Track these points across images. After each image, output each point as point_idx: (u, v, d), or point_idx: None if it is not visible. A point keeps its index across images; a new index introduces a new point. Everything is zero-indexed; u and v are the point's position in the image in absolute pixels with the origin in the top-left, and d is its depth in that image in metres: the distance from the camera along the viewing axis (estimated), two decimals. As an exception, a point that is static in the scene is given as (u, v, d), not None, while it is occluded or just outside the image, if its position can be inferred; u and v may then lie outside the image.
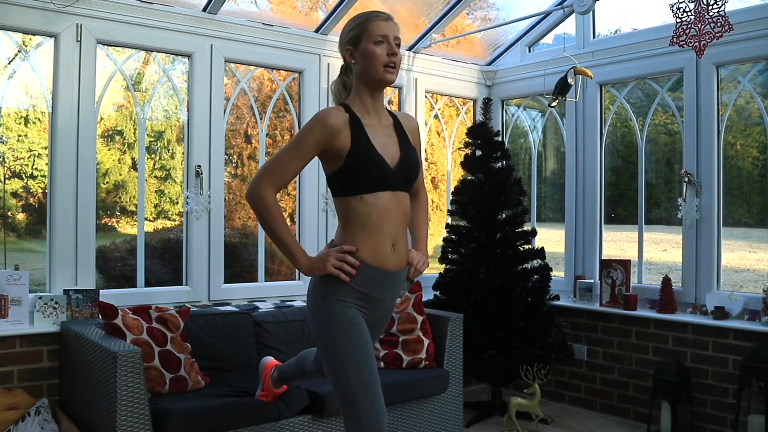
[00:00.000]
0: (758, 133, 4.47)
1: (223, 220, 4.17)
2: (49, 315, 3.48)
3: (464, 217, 4.55)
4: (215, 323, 3.75)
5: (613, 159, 5.08)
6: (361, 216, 2.18)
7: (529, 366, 4.17)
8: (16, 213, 6.62)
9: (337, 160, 2.18)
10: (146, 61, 5.34)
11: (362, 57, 2.22)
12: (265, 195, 2.14)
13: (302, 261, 2.21)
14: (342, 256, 2.16)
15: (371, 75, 2.21)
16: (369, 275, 2.20)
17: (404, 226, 2.29)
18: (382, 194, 2.19)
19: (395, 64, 2.22)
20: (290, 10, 4.66)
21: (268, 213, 2.16)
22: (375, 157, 2.18)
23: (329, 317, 2.18)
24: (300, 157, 2.19)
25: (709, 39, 3.33)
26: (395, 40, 2.23)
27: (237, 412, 3.09)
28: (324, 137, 2.16)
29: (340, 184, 2.22)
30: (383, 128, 2.28)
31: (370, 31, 2.21)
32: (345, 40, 2.28)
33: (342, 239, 2.22)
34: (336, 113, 2.20)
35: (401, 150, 2.27)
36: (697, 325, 4.07)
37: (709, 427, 4.01)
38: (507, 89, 5.38)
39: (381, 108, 2.31)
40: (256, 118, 4.74)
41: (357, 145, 2.17)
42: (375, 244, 2.19)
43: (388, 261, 2.23)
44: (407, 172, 2.27)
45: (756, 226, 4.64)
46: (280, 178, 2.18)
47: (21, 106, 6.12)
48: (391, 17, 2.27)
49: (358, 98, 2.27)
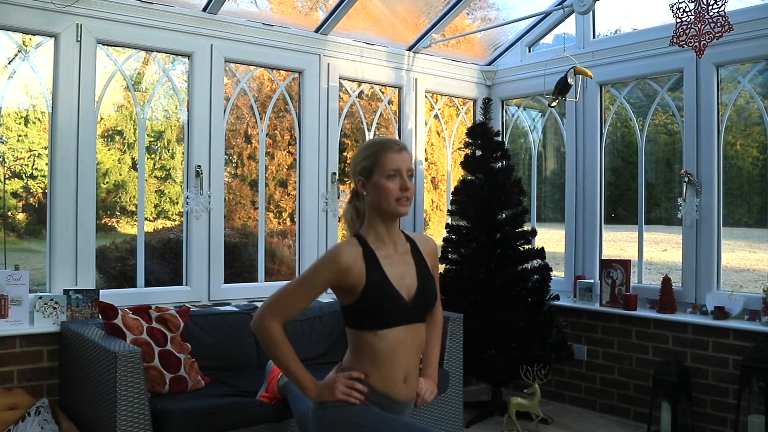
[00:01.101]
0: (758, 133, 4.47)
1: (223, 220, 4.17)
2: (49, 315, 3.48)
3: (464, 217, 4.55)
4: (215, 323, 3.75)
5: (613, 159, 5.08)
6: (374, 350, 2.11)
7: (529, 366, 4.17)
8: (16, 213, 6.62)
9: (351, 296, 2.11)
10: (146, 61, 5.34)
11: (374, 190, 2.13)
12: (270, 329, 2.09)
13: (310, 388, 2.13)
14: (350, 383, 2.10)
15: (383, 208, 2.14)
16: (378, 403, 2.14)
17: (417, 357, 2.22)
18: (398, 329, 2.12)
19: (408, 198, 2.14)
20: (290, 10, 4.66)
21: (273, 345, 2.09)
22: (391, 293, 2.11)
23: (342, 415, 2.10)
24: (309, 293, 2.12)
25: (709, 39, 3.33)
26: (408, 172, 2.15)
27: (237, 412, 3.09)
28: (334, 276, 2.08)
29: (353, 318, 2.15)
30: (400, 256, 2.19)
31: (383, 164, 2.12)
32: (357, 170, 2.19)
33: (351, 366, 2.15)
34: (348, 250, 2.11)
35: (419, 279, 2.19)
36: (697, 325, 4.07)
37: (709, 427, 4.01)
38: (507, 89, 5.38)
39: (397, 235, 2.22)
40: (256, 118, 4.75)
41: (371, 281, 2.09)
42: (386, 375, 2.13)
43: (398, 393, 2.16)
44: (424, 304, 2.20)
45: (756, 226, 4.64)
46: (286, 312, 2.12)
47: (21, 106, 6.12)
48: (404, 148, 2.19)
49: (372, 229, 2.18)
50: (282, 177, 7.97)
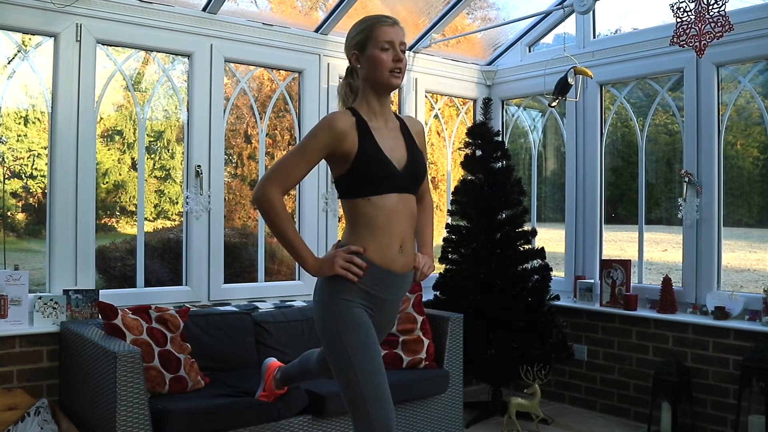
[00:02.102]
0: (758, 133, 4.47)
1: (223, 220, 4.17)
2: (48, 315, 3.48)
3: (464, 217, 4.55)
4: (215, 323, 3.74)
5: (613, 159, 5.08)
6: (368, 217, 2.19)
7: (530, 366, 4.16)
8: (15, 213, 6.61)
9: (344, 163, 2.19)
10: (146, 60, 5.33)
11: (368, 62, 2.23)
12: (271, 197, 2.15)
13: (310, 262, 2.23)
14: (349, 257, 2.18)
15: (377, 80, 2.23)
16: (376, 276, 2.21)
17: (411, 228, 2.30)
18: (390, 196, 2.21)
19: (401, 69, 2.23)
20: (290, 9, 4.66)
21: (275, 214, 2.17)
22: (383, 160, 2.20)
23: (336, 317, 2.19)
24: (306, 160, 2.20)
25: (709, 39, 3.33)
26: (401, 46, 2.25)
27: (237, 412, 3.09)
28: (331, 141, 2.16)
29: (347, 187, 2.23)
30: (390, 131, 2.29)
31: (376, 37, 2.21)
32: (351, 45, 2.29)
33: (349, 240, 2.23)
34: (343, 117, 2.20)
35: (408, 152, 2.28)
36: (698, 325, 4.07)
37: (709, 428, 4.01)
38: (507, 89, 5.38)
39: (388, 111, 2.32)
40: (256, 118, 4.74)
41: (364, 148, 2.18)
42: (382, 246, 2.21)
43: (395, 262, 2.24)
44: (414, 174, 2.29)
45: (756, 226, 4.64)
46: (286, 180, 2.20)
47: (20, 106, 6.12)
48: (397, 22, 2.28)
49: (365, 102, 2.27)
50: (282, 177, 7.94)
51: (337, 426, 3.43)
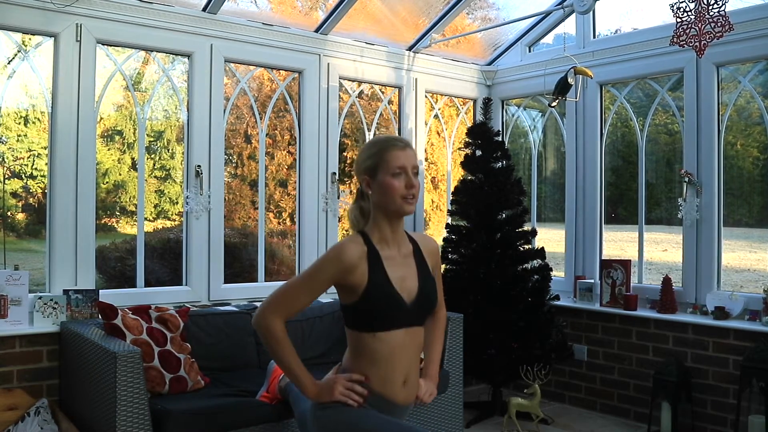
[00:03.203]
0: (758, 132, 4.47)
1: (222, 220, 4.17)
2: (48, 315, 3.48)
3: (464, 217, 4.55)
4: (215, 323, 3.74)
5: (613, 159, 5.08)
6: (372, 351, 2.11)
7: (529, 366, 4.16)
8: (15, 213, 6.62)
9: (352, 295, 2.10)
10: (146, 60, 5.34)
11: (379, 188, 2.12)
12: (271, 326, 2.07)
13: (309, 387, 2.13)
14: (350, 385, 2.10)
15: (389, 207, 2.12)
16: (376, 405, 2.13)
17: (417, 360, 2.22)
18: (397, 332, 2.12)
19: (414, 195, 2.13)
20: (290, 9, 4.66)
21: (275, 342, 2.08)
22: (392, 296, 2.10)
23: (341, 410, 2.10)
24: (311, 290, 2.11)
25: (709, 39, 3.33)
26: (413, 170, 2.14)
27: (237, 412, 3.09)
28: (339, 273, 2.07)
29: (354, 319, 2.14)
30: (403, 258, 2.19)
31: (388, 163, 2.11)
32: (361, 169, 2.18)
33: (351, 367, 2.15)
34: (353, 248, 2.10)
35: (420, 281, 2.18)
36: (698, 325, 4.07)
37: (709, 428, 4.01)
38: (507, 89, 5.38)
39: (401, 236, 2.22)
40: (256, 118, 4.74)
41: (374, 282, 2.08)
42: (385, 378, 2.13)
43: (397, 395, 2.16)
44: (424, 307, 2.20)
45: (756, 226, 4.64)
46: (288, 308, 2.11)
47: (20, 106, 6.12)
48: (408, 145, 2.18)
49: (376, 228, 2.16)
50: (282, 177, 7.97)
51: (337, 426, 3.43)
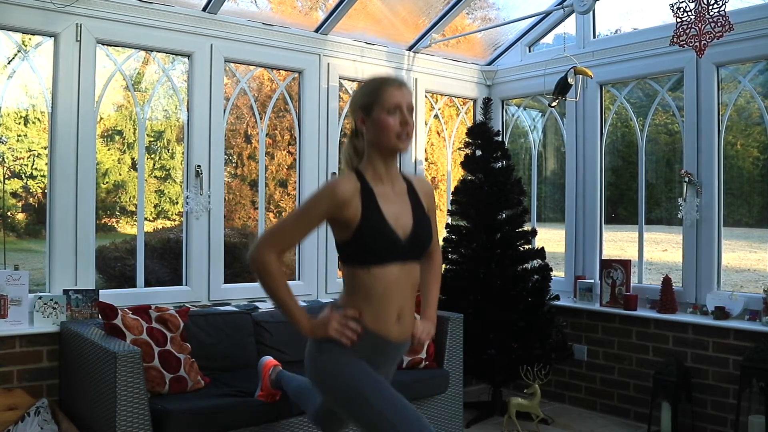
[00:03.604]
0: (758, 133, 4.47)
1: (222, 220, 4.17)
2: (48, 315, 3.48)
3: (464, 217, 4.55)
4: (215, 323, 3.74)
5: (613, 159, 5.08)
6: (367, 287, 2.13)
7: (530, 366, 4.16)
8: (15, 213, 6.62)
9: (346, 231, 2.12)
10: (146, 60, 5.34)
11: (374, 126, 2.14)
12: (266, 260, 2.08)
13: (303, 323, 2.16)
14: (344, 321, 2.12)
15: (383, 144, 2.15)
16: (371, 342, 2.16)
17: (412, 297, 2.24)
18: (391, 267, 2.14)
19: (408, 133, 2.16)
20: (290, 9, 4.66)
21: (269, 278, 2.10)
22: (386, 230, 2.12)
23: (335, 361, 2.13)
24: (306, 225, 2.13)
25: (709, 39, 3.33)
26: (408, 108, 2.17)
27: (237, 412, 3.09)
28: (332, 208, 2.09)
29: (348, 254, 2.16)
30: (397, 196, 2.21)
31: (383, 100, 2.13)
32: (356, 107, 2.20)
33: (345, 304, 2.17)
34: (346, 183, 2.12)
35: (414, 219, 2.20)
36: (698, 325, 4.07)
37: (709, 428, 4.01)
38: (507, 89, 5.37)
39: (395, 174, 2.24)
40: (256, 118, 4.74)
41: (367, 217, 2.10)
42: (379, 314, 2.15)
43: (391, 332, 2.18)
44: (419, 243, 2.21)
45: (756, 226, 4.64)
46: (283, 244, 2.13)
47: (20, 106, 6.12)
48: (404, 83, 2.20)
49: (370, 165, 2.19)
50: (282, 177, 7.97)
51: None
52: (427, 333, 2.33)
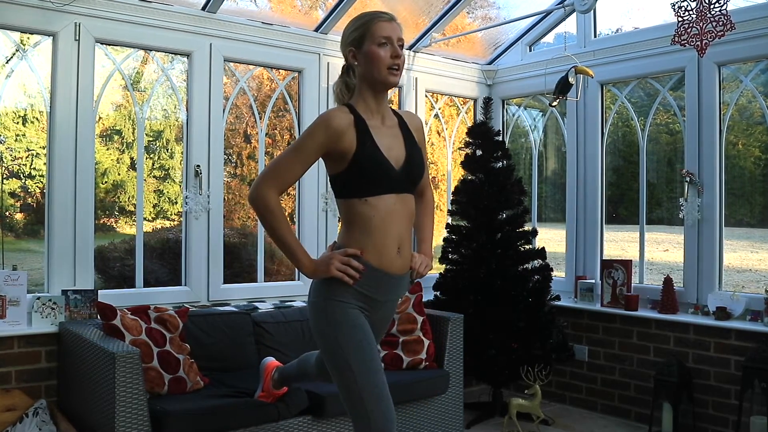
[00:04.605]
0: (760, 132, 4.46)
1: (222, 220, 4.15)
2: (47, 315, 3.46)
3: (464, 217, 4.54)
4: (214, 323, 3.73)
5: (614, 159, 5.07)
6: (365, 219, 2.15)
7: (530, 367, 4.15)
8: (14, 213, 6.60)
9: (341, 162, 2.14)
10: (145, 60, 5.33)
11: (365, 59, 2.18)
12: (267, 197, 2.11)
13: (305, 263, 2.18)
14: (346, 260, 2.13)
15: (374, 77, 2.18)
16: (373, 278, 2.18)
17: (409, 229, 2.27)
18: (387, 197, 2.16)
19: (399, 66, 2.18)
20: (290, 9, 4.64)
21: (270, 215, 2.12)
22: (380, 160, 2.15)
23: (332, 319, 2.16)
24: (302, 159, 2.16)
25: (710, 38, 3.31)
26: (398, 42, 2.20)
27: (236, 412, 3.07)
28: (327, 140, 2.11)
29: (343, 186, 2.18)
30: (388, 129, 2.24)
31: (373, 33, 2.16)
32: (347, 41, 2.23)
33: (346, 242, 2.19)
34: (340, 115, 2.15)
35: (407, 150, 2.24)
36: (699, 326, 4.06)
37: (710, 429, 3.99)
38: (507, 88, 5.36)
39: (385, 108, 2.27)
40: (256, 118, 4.73)
41: (362, 147, 2.13)
42: (380, 248, 2.17)
43: (393, 264, 2.20)
44: (412, 174, 2.25)
45: (758, 226, 4.63)
46: (282, 180, 2.15)
47: (19, 106, 6.11)
48: (394, 18, 2.23)
49: (361, 99, 2.22)
50: (281, 177, 7.94)
51: (337, 427, 3.42)
52: (426, 266, 2.36)
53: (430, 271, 2.43)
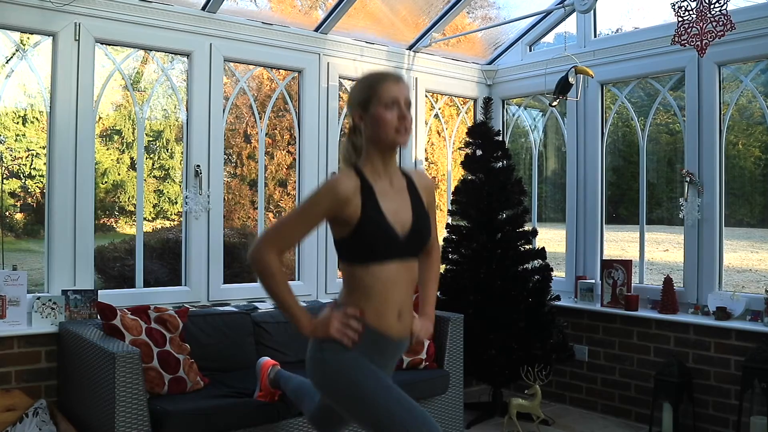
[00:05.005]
0: (760, 132, 4.46)
1: (222, 220, 4.15)
2: (47, 315, 3.46)
3: (465, 217, 4.53)
4: (214, 324, 3.72)
5: (614, 159, 5.07)
6: (366, 285, 2.12)
7: (530, 367, 4.15)
8: (14, 213, 6.60)
9: (345, 228, 2.10)
10: (145, 60, 5.33)
11: (372, 121, 2.13)
12: (267, 260, 2.07)
13: (304, 323, 2.14)
14: (345, 320, 2.10)
15: (381, 140, 2.13)
16: (372, 340, 2.14)
17: (411, 294, 2.23)
18: (391, 264, 2.12)
19: (406, 128, 2.14)
20: (290, 8, 4.64)
21: (271, 279, 2.08)
22: (385, 228, 2.10)
23: (338, 360, 2.11)
24: (306, 224, 2.11)
25: (710, 38, 3.31)
26: (406, 103, 2.15)
27: (236, 412, 3.07)
28: (333, 206, 2.07)
29: (347, 252, 2.15)
30: (396, 191, 2.19)
31: (381, 95, 2.12)
32: (354, 103, 2.19)
33: (346, 303, 2.16)
34: (347, 181, 2.10)
35: (413, 215, 2.19)
36: (699, 326, 4.05)
37: (711, 429, 3.99)
38: (508, 88, 5.36)
39: (393, 170, 2.22)
40: (256, 118, 4.73)
41: (367, 215, 2.08)
42: (380, 312, 2.13)
43: (392, 329, 2.16)
44: (418, 240, 2.20)
45: (758, 226, 4.63)
46: (283, 242, 2.11)
47: (19, 106, 6.11)
48: (401, 78, 2.19)
49: (369, 161, 2.17)
50: (281, 177, 7.97)
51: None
52: (426, 331, 2.32)
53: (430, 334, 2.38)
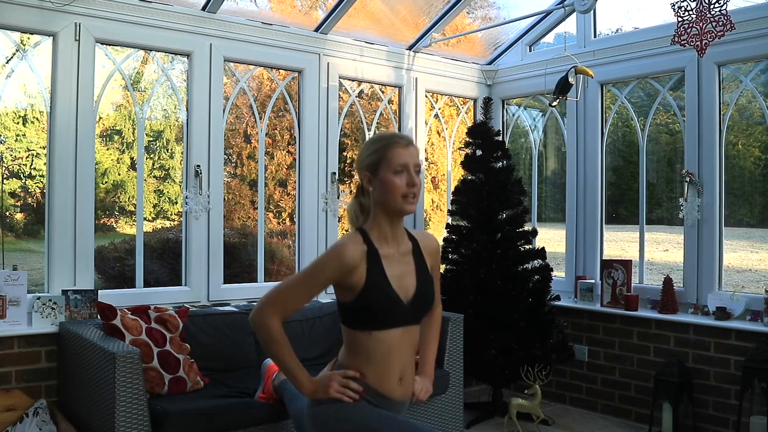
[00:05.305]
0: (760, 132, 4.46)
1: (222, 220, 4.15)
2: (47, 315, 3.46)
3: (464, 217, 4.54)
4: (214, 324, 3.73)
5: (614, 159, 5.07)
6: (368, 350, 2.10)
7: (530, 367, 4.15)
8: (14, 213, 6.61)
9: (349, 294, 2.08)
10: (145, 60, 5.33)
11: (380, 186, 2.10)
12: (269, 325, 2.06)
13: (306, 385, 2.12)
14: (346, 382, 2.08)
15: (389, 205, 2.10)
16: (373, 401, 2.12)
17: (413, 357, 2.21)
18: (393, 331, 2.10)
19: (415, 194, 2.11)
20: (290, 9, 4.64)
21: (273, 343, 2.06)
22: (389, 296, 2.08)
23: (338, 407, 2.09)
24: (310, 290, 2.10)
25: (710, 38, 3.31)
26: (415, 168, 2.12)
27: (236, 412, 3.07)
28: (338, 274, 2.05)
29: (350, 317, 2.13)
30: (401, 256, 2.17)
31: (390, 160, 2.09)
32: (363, 165, 2.15)
33: (346, 364, 2.14)
34: (353, 247, 2.07)
35: (418, 280, 2.17)
36: (699, 326, 4.06)
37: (710, 429, 3.99)
38: (507, 88, 5.36)
39: (400, 234, 2.20)
40: (256, 118, 4.73)
41: (372, 281, 2.06)
42: (381, 376, 2.12)
43: (394, 392, 2.15)
44: (421, 307, 2.18)
45: (758, 226, 4.63)
46: (286, 308, 2.10)
47: (19, 106, 6.11)
48: (411, 142, 2.16)
49: (376, 225, 2.14)
50: (281, 177, 7.97)
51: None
52: (426, 392, 2.31)
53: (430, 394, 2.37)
